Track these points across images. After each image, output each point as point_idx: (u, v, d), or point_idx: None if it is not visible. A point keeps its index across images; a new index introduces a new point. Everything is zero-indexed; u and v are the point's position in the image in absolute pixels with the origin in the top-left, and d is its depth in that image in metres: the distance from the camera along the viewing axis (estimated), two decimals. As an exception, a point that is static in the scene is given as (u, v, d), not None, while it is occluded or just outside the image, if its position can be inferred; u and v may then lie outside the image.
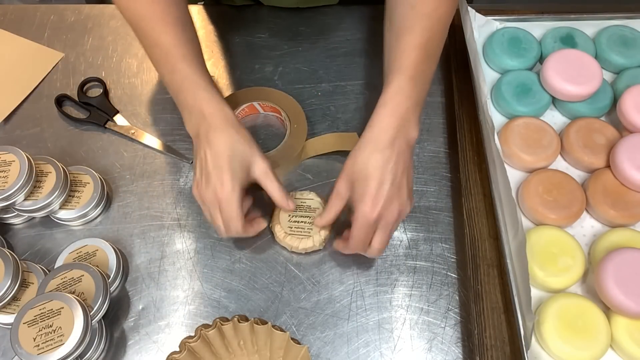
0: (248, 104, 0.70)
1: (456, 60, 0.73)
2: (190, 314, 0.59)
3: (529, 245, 0.55)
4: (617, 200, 0.59)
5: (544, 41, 0.70)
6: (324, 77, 0.75)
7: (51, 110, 0.72)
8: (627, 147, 0.59)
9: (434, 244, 0.63)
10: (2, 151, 0.60)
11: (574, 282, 0.55)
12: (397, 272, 0.61)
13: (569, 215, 0.58)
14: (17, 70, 0.76)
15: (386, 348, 0.57)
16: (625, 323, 0.52)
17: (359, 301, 0.59)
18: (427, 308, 0.59)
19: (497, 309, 0.56)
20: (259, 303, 0.59)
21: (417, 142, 0.69)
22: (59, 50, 0.78)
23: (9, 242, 0.63)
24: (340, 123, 0.71)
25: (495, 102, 0.67)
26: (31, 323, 0.52)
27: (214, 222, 0.56)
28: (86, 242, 0.61)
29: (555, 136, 0.63)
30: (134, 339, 0.58)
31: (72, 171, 0.64)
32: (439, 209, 0.65)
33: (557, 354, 0.52)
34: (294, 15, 0.80)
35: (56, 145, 0.70)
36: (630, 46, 0.69)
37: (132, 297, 0.60)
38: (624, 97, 0.62)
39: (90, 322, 0.53)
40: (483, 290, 0.57)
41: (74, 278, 0.56)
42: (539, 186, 0.59)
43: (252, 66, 0.76)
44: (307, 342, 0.57)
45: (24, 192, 0.59)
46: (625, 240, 0.56)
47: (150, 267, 0.62)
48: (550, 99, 0.66)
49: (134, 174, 0.68)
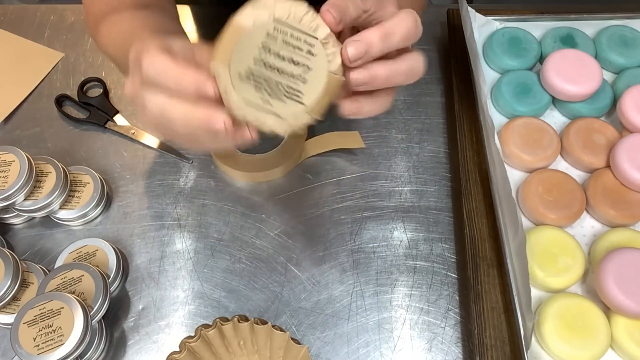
0: (248, 104, 0.70)
1: (456, 60, 0.73)
2: (190, 314, 0.59)
3: (529, 245, 0.55)
4: (617, 200, 0.59)
5: (544, 41, 0.70)
6: (324, 77, 0.74)
7: (51, 110, 0.72)
8: (627, 147, 0.59)
9: (434, 244, 0.63)
10: (2, 151, 0.60)
11: (574, 282, 0.55)
12: (397, 272, 0.61)
13: (569, 215, 0.58)
14: (17, 70, 0.76)
15: (386, 348, 0.57)
16: (625, 323, 0.52)
17: (359, 301, 0.59)
18: (427, 308, 0.59)
19: (497, 309, 0.56)
20: (259, 303, 0.59)
21: (417, 142, 0.70)
22: (59, 50, 0.78)
23: (9, 242, 0.63)
24: (340, 123, 0.71)
25: (495, 102, 0.67)
26: (31, 323, 0.52)
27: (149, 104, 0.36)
28: (86, 242, 0.61)
29: (555, 136, 0.63)
30: (134, 339, 0.58)
31: (72, 171, 0.64)
32: (439, 209, 0.65)
33: (557, 354, 0.52)
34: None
35: (56, 145, 0.70)
36: (630, 46, 0.69)
37: (132, 297, 0.60)
38: (624, 97, 0.62)
39: (90, 322, 0.53)
40: (483, 290, 0.57)
41: (74, 278, 0.56)
42: (539, 186, 0.59)
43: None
44: (307, 342, 0.57)
45: (24, 192, 0.59)
46: (625, 240, 0.56)
47: (150, 267, 0.62)
48: (550, 99, 0.66)
49: (134, 174, 0.68)
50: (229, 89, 0.33)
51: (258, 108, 0.34)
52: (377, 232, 0.63)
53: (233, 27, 0.33)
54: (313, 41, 0.34)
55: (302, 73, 0.34)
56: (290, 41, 0.33)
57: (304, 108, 0.34)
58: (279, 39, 0.33)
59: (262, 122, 0.34)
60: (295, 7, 0.33)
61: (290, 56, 0.34)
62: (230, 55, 0.33)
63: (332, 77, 0.34)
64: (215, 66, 0.33)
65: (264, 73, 0.33)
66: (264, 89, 0.34)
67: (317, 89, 0.34)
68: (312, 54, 0.34)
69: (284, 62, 0.34)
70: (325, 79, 0.34)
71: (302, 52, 0.34)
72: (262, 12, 0.33)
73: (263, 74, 0.33)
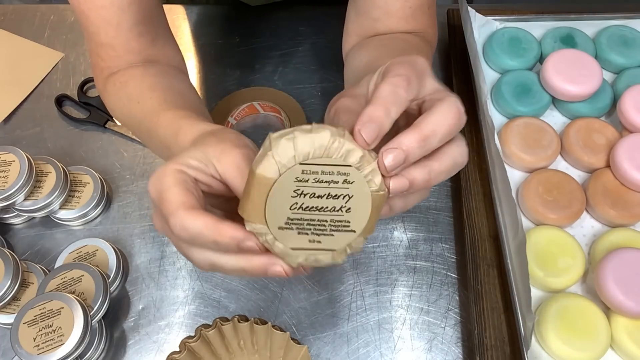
0: (248, 104, 0.70)
1: (456, 60, 0.73)
2: (190, 314, 0.59)
3: (529, 245, 0.55)
4: (617, 200, 0.59)
5: (544, 41, 0.70)
6: (324, 77, 0.75)
7: (51, 110, 0.72)
8: (627, 147, 0.59)
9: (434, 244, 0.63)
10: (2, 151, 0.60)
11: (574, 282, 0.55)
12: (397, 272, 0.61)
13: (569, 215, 0.58)
14: (17, 70, 0.76)
15: (386, 348, 0.57)
16: (625, 323, 0.52)
17: (359, 301, 0.59)
18: (427, 308, 0.59)
19: (497, 309, 0.56)
20: (259, 303, 0.59)
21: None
22: (59, 50, 0.78)
23: (9, 242, 0.63)
24: (340, 123, 0.71)
25: (495, 102, 0.67)
26: (31, 323, 0.52)
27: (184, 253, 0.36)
28: (86, 242, 0.61)
29: (555, 136, 0.63)
30: (134, 339, 0.58)
31: (72, 171, 0.64)
32: (439, 209, 0.65)
33: (557, 354, 0.52)
34: (294, 15, 0.80)
35: (56, 145, 0.70)
36: (630, 46, 0.69)
37: (132, 297, 0.60)
38: (624, 97, 0.62)
39: (90, 322, 0.53)
40: (483, 290, 0.57)
41: (74, 278, 0.56)
42: (539, 186, 0.59)
43: (252, 66, 0.76)
44: (307, 342, 0.57)
45: (24, 192, 0.59)
46: (625, 240, 0.56)
47: (150, 267, 0.62)
48: (550, 99, 0.66)
49: (134, 174, 0.68)
50: (271, 242, 0.32)
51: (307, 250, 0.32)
52: (377, 232, 0.63)
53: (258, 180, 0.30)
54: (347, 170, 0.31)
55: (344, 204, 0.31)
56: (322, 178, 0.31)
57: (354, 235, 0.32)
58: (310, 180, 0.31)
59: (315, 260, 0.32)
60: (317, 140, 0.30)
61: (327, 192, 0.31)
62: (264, 211, 0.31)
63: (375, 196, 0.32)
64: (250, 226, 0.31)
65: (304, 217, 0.31)
66: (309, 231, 0.32)
67: (364, 213, 0.32)
68: (349, 182, 0.31)
69: (322, 200, 0.31)
70: (370, 200, 0.32)
71: (338, 184, 0.31)
72: (284, 158, 0.30)
73: (303, 217, 0.31)
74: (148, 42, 0.53)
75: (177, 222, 0.32)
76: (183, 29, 0.79)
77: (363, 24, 0.55)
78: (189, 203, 0.32)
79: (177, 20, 0.80)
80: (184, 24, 0.80)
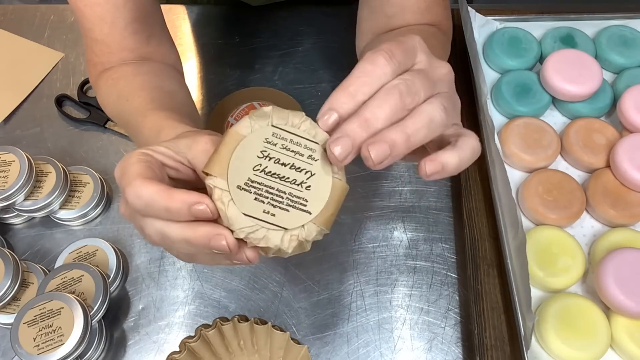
0: (248, 104, 0.70)
1: (456, 60, 0.72)
2: (190, 314, 0.59)
3: (529, 245, 0.55)
4: (617, 200, 0.59)
5: (544, 41, 0.70)
6: (324, 77, 0.75)
7: (51, 110, 0.72)
8: (627, 147, 0.59)
9: (434, 244, 0.63)
10: (2, 151, 0.60)
11: (574, 282, 0.55)
12: (397, 272, 0.61)
13: (569, 215, 0.58)
14: (17, 70, 0.76)
15: (386, 348, 0.57)
16: (625, 323, 0.52)
17: (359, 301, 0.59)
18: (427, 308, 0.59)
19: (497, 309, 0.56)
20: (259, 303, 0.59)
21: (417, 142, 0.69)
22: (59, 50, 0.78)
23: (9, 242, 0.63)
24: (340, 123, 0.71)
25: (495, 102, 0.67)
26: (31, 323, 0.52)
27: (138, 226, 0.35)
28: (86, 242, 0.61)
29: (555, 136, 0.63)
30: (134, 339, 0.58)
31: (72, 171, 0.64)
32: (439, 209, 0.65)
33: (557, 354, 0.52)
34: (294, 15, 0.80)
35: (56, 145, 0.70)
36: (630, 46, 0.69)
37: (132, 297, 0.60)
38: (624, 97, 0.62)
39: (90, 322, 0.53)
40: (483, 290, 0.57)
41: (74, 278, 0.56)
42: (539, 186, 0.59)
43: (252, 66, 0.76)
44: (307, 342, 0.57)
45: (24, 192, 0.59)
46: (625, 240, 0.56)
47: (150, 267, 0.62)
48: (550, 99, 0.66)
49: (134, 174, 0.68)
50: (226, 203, 0.31)
51: (259, 221, 0.31)
52: (377, 232, 0.63)
53: (230, 135, 0.31)
54: (314, 146, 0.32)
55: (305, 180, 0.32)
56: (290, 147, 0.32)
57: (309, 217, 0.32)
58: (278, 145, 0.32)
59: (265, 237, 0.31)
60: (292, 117, 0.32)
61: (292, 162, 0.32)
62: (228, 165, 0.31)
63: (336, 182, 0.32)
64: (211, 179, 0.31)
65: (264, 182, 0.31)
66: (265, 199, 0.31)
67: (323, 195, 0.32)
68: (313, 158, 0.32)
69: (285, 169, 0.32)
70: (330, 184, 0.32)
71: (303, 157, 0.32)
72: (259, 121, 0.32)
73: (264, 183, 0.31)
74: (143, 40, 0.53)
75: (131, 191, 0.32)
76: (183, 29, 0.79)
77: (378, 21, 0.55)
78: (146, 174, 0.32)
79: (177, 20, 0.80)
80: (184, 24, 0.80)
